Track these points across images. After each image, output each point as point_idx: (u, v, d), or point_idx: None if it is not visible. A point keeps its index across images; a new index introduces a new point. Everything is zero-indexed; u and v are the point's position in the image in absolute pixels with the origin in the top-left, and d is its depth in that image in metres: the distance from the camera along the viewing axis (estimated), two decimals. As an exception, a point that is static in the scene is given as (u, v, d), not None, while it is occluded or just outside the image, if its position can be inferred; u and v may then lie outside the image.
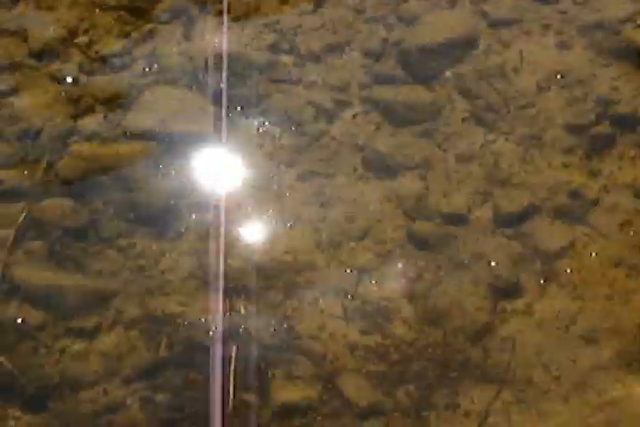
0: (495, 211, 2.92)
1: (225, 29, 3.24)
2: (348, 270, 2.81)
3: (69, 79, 3.22)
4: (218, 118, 3.10)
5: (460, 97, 3.16)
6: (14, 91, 3.20)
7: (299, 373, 2.65)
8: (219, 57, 3.22)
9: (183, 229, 2.91)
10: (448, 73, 3.19)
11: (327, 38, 3.29)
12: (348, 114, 3.13)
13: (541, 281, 2.78)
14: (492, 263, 2.82)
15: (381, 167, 3.01)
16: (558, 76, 3.19)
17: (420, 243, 2.86)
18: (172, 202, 2.95)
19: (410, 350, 2.68)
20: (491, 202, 2.94)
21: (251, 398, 2.62)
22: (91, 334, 2.73)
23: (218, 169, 3.02)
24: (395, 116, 3.12)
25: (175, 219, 2.93)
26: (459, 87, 3.17)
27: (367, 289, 2.78)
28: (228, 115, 3.11)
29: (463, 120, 3.11)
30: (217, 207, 2.93)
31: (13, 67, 3.25)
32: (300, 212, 2.93)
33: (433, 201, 2.94)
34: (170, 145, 3.05)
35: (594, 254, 2.82)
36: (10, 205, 2.96)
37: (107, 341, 2.72)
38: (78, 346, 2.71)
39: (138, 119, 3.10)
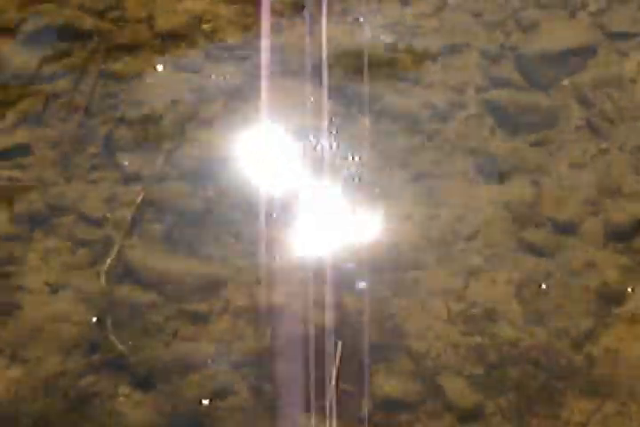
0: (606, 222, 2.92)
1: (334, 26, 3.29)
2: (457, 271, 2.85)
3: (191, 68, 3.30)
4: (333, 115, 3.15)
5: (576, 105, 3.16)
6: (140, 74, 3.29)
7: (402, 370, 2.69)
8: (337, 53, 3.27)
9: (292, 221, 2.96)
10: (565, 81, 3.20)
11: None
12: (462, 116, 3.16)
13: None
14: (601, 272, 2.82)
15: (493, 172, 3.04)
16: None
17: (530, 249, 2.88)
18: (285, 193, 3.01)
19: (513, 353, 2.70)
20: (602, 213, 2.94)
21: (353, 389, 2.67)
22: (202, 319, 2.80)
23: (330, 164, 3.07)
24: (509, 121, 3.14)
25: (284, 208, 2.98)
26: (575, 95, 3.18)
27: (475, 291, 2.81)
28: (342, 112, 3.16)
29: (577, 128, 3.12)
30: (326, 203, 2.98)
31: (138, 51, 3.34)
32: (410, 211, 2.97)
33: (544, 208, 2.95)
34: (285, 138, 3.11)
35: None
36: (128, 187, 3.05)
37: (216, 327, 2.79)
38: (189, 329, 2.78)
39: (257, 109, 3.16)
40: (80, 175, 3.10)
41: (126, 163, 3.11)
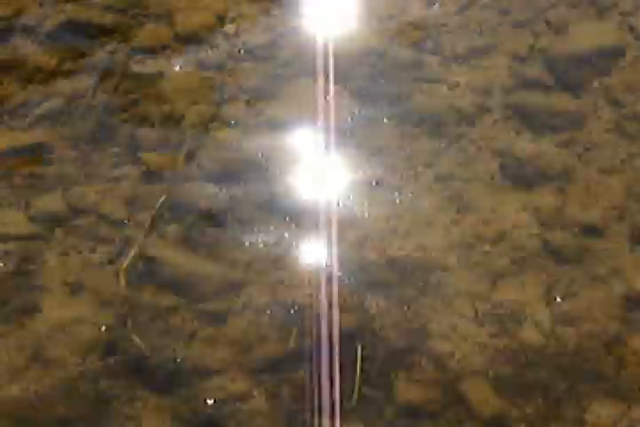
0: (632, 227, 2.89)
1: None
2: (481, 273, 2.82)
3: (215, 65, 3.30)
4: (357, 115, 3.13)
5: (605, 107, 3.13)
6: (160, 74, 3.28)
7: (427, 373, 2.66)
8: (363, 54, 3.25)
9: (316, 222, 2.95)
10: (595, 82, 3.17)
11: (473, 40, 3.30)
12: (489, 117, 3.13)
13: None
14: (628, 277, 2.79)
15: (519, 174, 3.01)
16: None
17: (556, 253, 2.85)
18: (308, 196, 2.99)
19: (540, 357, 2.67)
20: (628, 217, 2.91)
21: (375, 394, 2.65)
22: (221, 320, 2.78)
23: (353, 165, 3.05)
24: (536, 123, 3.11)
25: (307, 211, 2.97)
26: (605, 97, 3.15)
27: (500, 294, 2.78)
28: (364, 112, 3.15)
29: (607, 131, 3.08)
30: (348, 204, 2.97)
31: (160, 50, 3.33)
32: (435, 213, 2.95)
33: (570, 212, 2.92)
34: (308, 138, 3.10)
35: None
36: (151, 187, 3.04)
37: (236, 328, 2.77)
38: (208, 331, 2.77)
39: (279, 110, 3.15)
40: (101, 174, 3.09)
41: (149, 162, 3.11)
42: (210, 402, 2.66)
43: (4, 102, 3.23)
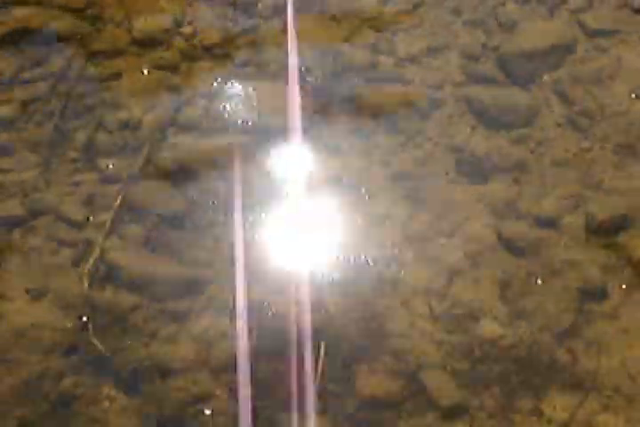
0: (587, 218, 2.94)
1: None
2: (437, 268, 2.86)
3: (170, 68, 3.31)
4: (312, 115, 3.16)
5: (556, 102, 3.18)
6: (117, 77, 3.29)
7: (385, 368, 2.70)
8: (318, 54, 3.27)
9: (274, 222, 2.97)
10: (545, 77, 3.22)
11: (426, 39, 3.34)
12: (443, 114, 3.17)
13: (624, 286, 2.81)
14: (582, 268, 2.84)
15: (475, 170, 3.05)
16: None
17: (511, 246, 2.90)
18: (263, 195, 3.02)
19: (496, 350, 2.71)
20: (583, 208, 2.96)
21: (336, 388, 2.68)
22: (182, 319, 2.81)
23: (310, 166, 3.08)
24: (490, 119, 3.15)
25: (266, 212, 2.99)
26: (555, 91, 3.20)
27: (456, 288, 2.83)
28: (322, 112, 3.17)
29: (559, 125, 3.14)
30: (306, 203, 3.00)
31: (117, 54, 3.34)
32: (390, 210, 2.98)
33: (524, 205, 2.97)
34: (265, 140, 3.12)
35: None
36: (107, 187, 3.06)
37: (198, 327, 2.80)
38: (169, 330, 2.79)
39: (237, 112, 3.17)
40: (60, 179, 3.10)
41: (106, 166, 3.12)
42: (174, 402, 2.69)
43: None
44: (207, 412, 2.66)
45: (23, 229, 3.00)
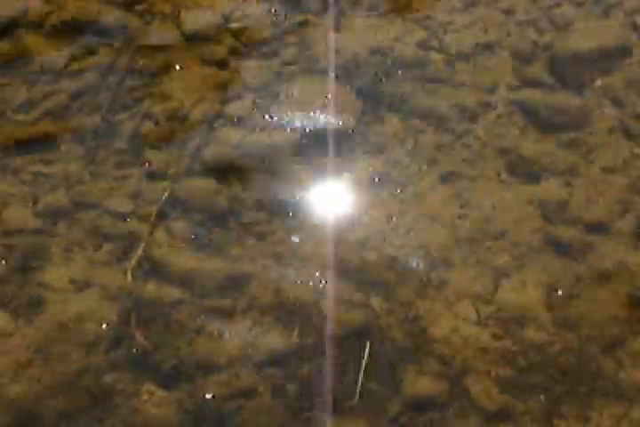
0: (637, 223, 2.93)
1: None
2: (485, 270, 2.86)
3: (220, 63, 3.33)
4: (360, 113, 3.16)
5: (609, 106, 3.16)
6: (165, 71, 3.31)
7: (429, 371, 2.70)
8: (367, 52, 3.28)
9: (319, 219, 2.98)
10: (598, 81, 3.20)
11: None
12: (492, 115, 3.16)
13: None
14: (632, 274, 2.83)
15: (525, 172, 3.04)
16: None
17: (560, 250, 2.89)
18: (309, 192, 3.02)
19: (542, 357, 2.71)
20: (633, 213, 2.95)
21: (380, 390, 2.68)
22: (226, 317, 2.82)
23: (357, 163, 3.09)
24: (540, 121, 3.14)
25: (311, 208, 3.00)
26: (608, 96, 3.18)
27: (502, 293, 2.82)
28: (370, 110, 3.17)
29: (610, 130, 3.12)
30: (352, 202, 3.00)
31: (166, 48, 3.36)
32: (439, 211, 2.98)
33: (574, 208, 2.96)
34: (312, 138, 3.13)
35: None
36: (154, 183, 3.08)
37: (241, 324, 2.81)
38: (213, 327, 2.81)
39: (284, 109, 3.18)
40: (106, 172, 3.13)
41: (153, 160, 3.14)
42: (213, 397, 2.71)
43: (9, 98, 3.27)
44: (249, 407, 2.68)
45: (68, 222, 3.03)
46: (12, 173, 3.13)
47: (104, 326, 2.81)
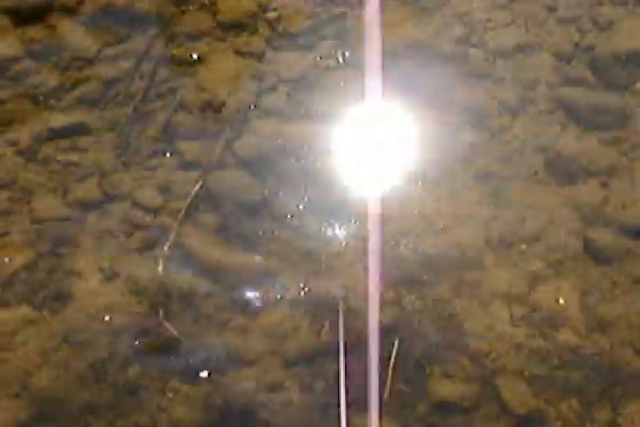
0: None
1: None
2: (518, 273, 2.85)
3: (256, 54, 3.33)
4: (396, 107, 3.15)
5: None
6: (200, 60, 3.31)
7: (460, 370, 2.70)
8: (405, 46, 3.26)
9: (352, 216, 2.98)
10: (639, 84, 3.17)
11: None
12: (532, 112, 3.14)
13: None
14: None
15: (563, 171, 3.03)
16: None
17: (596, 253, 2.88)
18: (344, 187, 3.02)
19: (575, 359, 2.71)
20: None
21: (408, 389, 2.69)
22: (255, 311, 2.83)
23: (391, 158, 3.08)
24: (581, 120, 3.12)
25: (345, 204, 3.00)
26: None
27: (536, 294, 2.82)
28: (406, 104, 3.16)
29: (648, 131, 3.10)
30: (386, 198, 3.00)
31: (201, 37, 3.36)
32: (473, 210, 2.98)
33: (612, 211, 2.94)
34: (347, 130, 3.12)
35: None
36: (186, 174, 3.08)
37: (270, 319, 2.82)
38: (240, 320, 2.82)
39: (319, 100, 3.18)
40: (138, 161, 3.14)
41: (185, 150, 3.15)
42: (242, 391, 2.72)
43: (42, 85, 3.28)
44: (277, 401, 2.70)
45: (99, 211, 3.04)
46: (42, 161, 3.15)
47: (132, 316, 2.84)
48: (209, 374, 2.74)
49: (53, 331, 2.83)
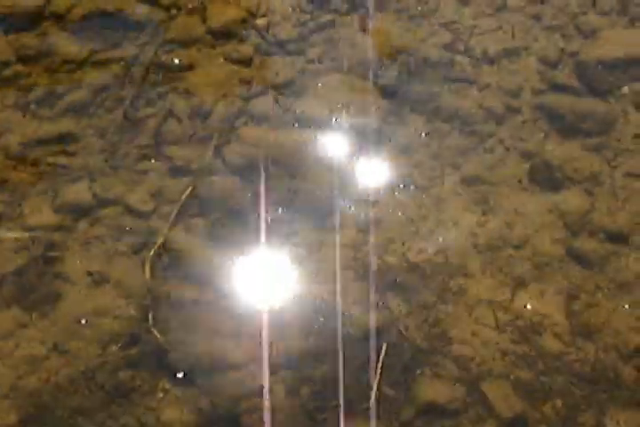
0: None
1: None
2: (503, 279, 2.89)
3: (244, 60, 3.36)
4: (384, 113, 3.19)
5: (634, 113, 3.19)
6: (189, 67, 3.34)
7: (446, 375, 2.73)
8: (393, 52, 3.30)
9: (341, 221, 3.01)
10: (625, 88, 3.23)
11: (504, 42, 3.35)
12: (517, 119, 3.19)
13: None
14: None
15: (547, 178, 3.07)
16: None
17: (581, 259, 2.92)
18: (334, 193, 3.05)
19: (560, 364, 2.74)
20: (655, 224, 2.98)
21: (394, 393, 2.72)
22: (241, 313, 2.86)
23: (380, 164, 3.11)
24: (565, 126, 3.16)
25: (334, 210, 3.03)
26: (634, 103, 3.21)
27: (521, 300, 2.85)
28: (394, 110, 3.20)
29: (635, 136, 3.15)
30: (374, 204, 3.03)
31: (190, 43, 3.39)
32: (459, 216, 3.01)
33: (596, 218, 2.99)
34: (336, 135, 3.15)
35: None
36: (176, 180, 3.11)
37: (257, 323, 2.84)
38: (229, 325, 2.84)
39: (308, 106, 3.21)
40: (127, 167, 3.16)
41: (174, 155, 3.17)
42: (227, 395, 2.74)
43: (31, 92, 3.30)
44: (263, 406, 2.71)
45: (90, 216, 3.06)
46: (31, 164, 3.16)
47: (120, 321, 2.85)
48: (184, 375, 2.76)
49: (42, 334, 2.84)
